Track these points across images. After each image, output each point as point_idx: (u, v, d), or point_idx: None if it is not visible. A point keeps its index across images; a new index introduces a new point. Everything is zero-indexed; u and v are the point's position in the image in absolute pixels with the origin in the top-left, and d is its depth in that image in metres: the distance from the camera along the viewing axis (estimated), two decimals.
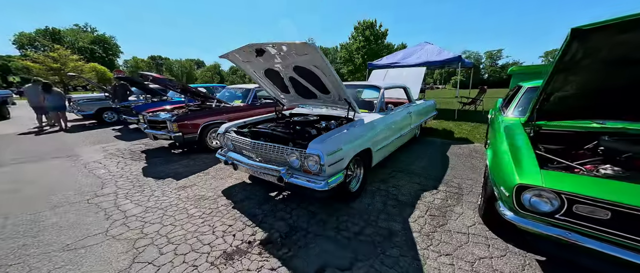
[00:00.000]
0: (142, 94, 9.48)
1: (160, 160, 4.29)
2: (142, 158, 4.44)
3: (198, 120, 4.51)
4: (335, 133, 2.41)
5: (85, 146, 5.37)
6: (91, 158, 4.46)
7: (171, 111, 5.21)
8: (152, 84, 4.90)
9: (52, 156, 4.59)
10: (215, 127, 4.79)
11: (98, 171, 3.79)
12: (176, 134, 4.25)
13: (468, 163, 3.71)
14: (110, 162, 4.21)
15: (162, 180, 3.42)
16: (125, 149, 5.04)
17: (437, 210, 2.44)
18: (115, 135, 6.47)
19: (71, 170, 3.85)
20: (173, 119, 4.24)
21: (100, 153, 4.74)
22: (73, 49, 37.20)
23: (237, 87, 6.16)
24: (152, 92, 7.96)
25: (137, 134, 6.52)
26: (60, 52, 27.78)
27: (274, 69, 2.91)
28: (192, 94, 5.43)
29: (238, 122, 3.31)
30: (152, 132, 4.52)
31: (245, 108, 5.38)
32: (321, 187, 2.09)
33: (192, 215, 2.47)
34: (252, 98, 5.62)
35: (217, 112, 4.85)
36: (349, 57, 25.37)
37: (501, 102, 3.78)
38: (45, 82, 8.05)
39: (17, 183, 3.32)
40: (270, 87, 3.44)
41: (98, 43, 52.00)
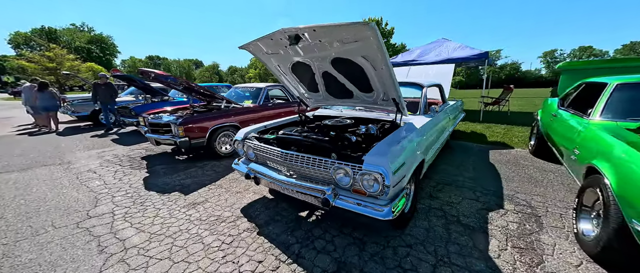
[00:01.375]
0: (141, 94, 8.94)
1: (163, 169, 3.77)
2: (142, 166, 3.91)
3: (206, 123, 3.99)
4: (392, 143, 1.90)
5: (79, 151, 4.83)
6: (85, 166, 3.93)
7: (174, 113, 4.69)
8: (154, 82, 4.38)
9: (42, 163, 4.05)
10: (225, 130, 4.27)
11: (92, 183, 3.26)
12: (182, 138, 3.73)
13: (522, 174, 3.21)
14: (107, 171, 3.68)
15: (167, 194, 2.90)
16: (124, 155, 4.51)
17: (520, 239, 1.94)
18: (113, 139, 5.93)
19: (61, 181, 3.32)
20: (178, 122, 3.72)
21: (95, 160, 4.21)
22: (69, 49, 36.48)
23: (246, 86, 5.64)
24: (152, 92, 7.42)
25: (137, 138, 5.98)
26: (56, 51, 27.13)
27: (305, 62, 2.40)
28: (197, 93, 4.91)
29: (258, 126, 2.80)
30: (155, 137, 3.99)
31: (256, 109, 4.86)
32: (384, 215, 1.59)
33: (209, 246, 1.95)
34: (263, 98, 5.10)
35: (226, 113, 4.33)
36: None
37: (557, 102, 3.29)
38: (41, 81, 7.53)
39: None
40: (295, 85, 2.93)
41: (95, 43, 51.20)
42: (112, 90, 6.76)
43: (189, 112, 4.77)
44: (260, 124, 2.91)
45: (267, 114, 5.07)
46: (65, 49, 29.67)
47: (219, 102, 5.01)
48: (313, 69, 2.47)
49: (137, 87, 7.55)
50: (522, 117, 7.74)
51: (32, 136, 6.39)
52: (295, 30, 1.85)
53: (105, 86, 6.59)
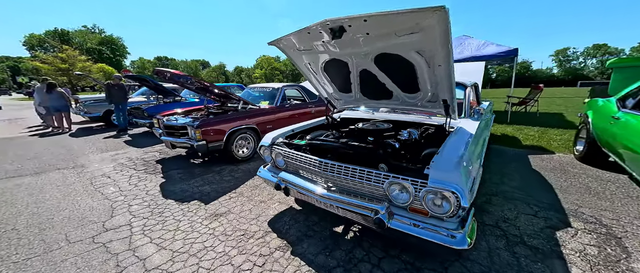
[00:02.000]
0: (153, 94, 8.85)
1: (179, 174, 3.57)
2: (157, 170, 3.73)
3: (223, 125, 3.78)
4: (454, 152, 1.62)
5: (92, 154, 4.70)
6: (99, 170, 3.77)
7: (188, 114, 4.50)
8: (169, 82, 4.20)
9: (55, 167, 3.91)
10: (242, 133, 4.05)
11: (107, 189, 3.08)
12: (199, 142, 3.52)
13: (577, 184, 2.87)
14: (121, 176, 3.51)
15: (186, 204, 2.68)
16: (138, 158, 4.35)
17: (607, 268, 1.63)
18: (126, 141, 5.80)
19: (75, 186, 3.15)
20: (195, 125, 3.51)
21: (109, 164, 4.05)
22: (81, 50, 37.21)
23: (261, 87, 5.41)
24: (164, 92, 7.29)
25: (150, 139, 5.84)
26: (68, 52, 27.64)
27: (342, 59, 2.14)
28: (213, 94, 4.71)
29: (285, 131, 2.56)
30: (170, 140, 3.80)
31: (274, 110, 4.63)
32: (458, 243, 1.31)
33: (240, 269, 1.72)
34: (280, 99, 4.87)
35: (243, 115, 4.11)
36: None
37: (616, 103, 2.94)
38: (50, 81, 7.50)
39: (7, 209, 2.63)
40: (323, 84, 2.67)
41: (106, 44, 52.19)
42: (125, 91, 6.65)
43: (204, 113, 4.58)
44: (287, 127, 2.67)
45: (285, 115, 4.84)
46: (77, 50, 30.23)
47: (235, 103, 4.81)
48: (350, 67, 2.21)
49: (149, 88, 7.44)
50: (553, 119, 7.30)
51: (44, 137, 6.34)
52: (340, 21, 1.58)
53: (118, 87, 6.47)
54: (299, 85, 5.49)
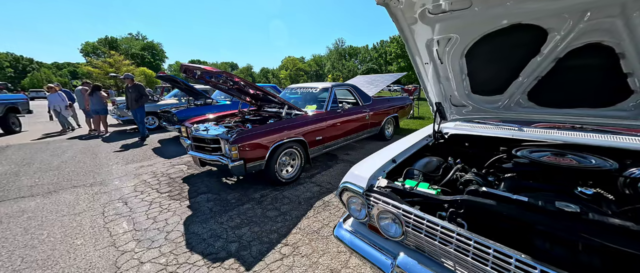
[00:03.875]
0: (185, 96, 8.45)
1: (209, 202, 2.72)
2: (183, 195, 2.93)
3: (266, 137, 2.85)
4: None
5: (116, 165, 4.12)
6: (117, 191, 3.08)
7: (220, 121, 3.68)
8: (199, 81, 3.42)
9: (72, 183, 3.33)
10: (288, 147, 3.10)
11: (119, 226, 2.31)
12: (235, 162, 2.63)
13: None
14: (140, 204, 2.75)
15: (218, 264, 1.76)
16: (163, 174, 3.63)
17: None
18: (154, 148, 5.25)
19: (82, 219, 2.44)
20: (231, 138, 2.62)
21: (130, 181, 3.37)
22: (127, 55, 40.49)
23: (304, 87, 4.45)
24: (194, 94, 6.74)
25: (180, 147, 5.22)
26: (115, 57, 30.05)
27: (539, 25, 1.02)
28: (250, 95, 3.86)
29: (382, 161, 1.49)
30: (199, 157, 2.97)
31: (324, 117, 3.63)
32: None
33: None
34: (331, 102, 3.85)
35: (289, 124, 3.15)
36: (401, 52, 22.29)
37: None
38: (94, 84, 7.42)
39: None
40: (450, 79, 1.57)
41: (147, 49, 56.47)
42: (140, 93, 5.74)
43: (238, 121, 3.74)
44: (380, 155, 1.60)
45: (338, 123, 3.81)
46: (122, 56, 32.74)
47: (278, 106, 3.90)
48: (545, 46, 1.08)
49: (180, 89, 6.95)
50: None
51: (81, 140, 6.09)
52: None
53: (132, 88, 5.67)
54: (350, 85, 4.44)
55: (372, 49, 59.95)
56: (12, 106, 7.28)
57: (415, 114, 8.38)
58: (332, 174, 3.48)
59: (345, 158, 4.15)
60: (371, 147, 4.83)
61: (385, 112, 5.02)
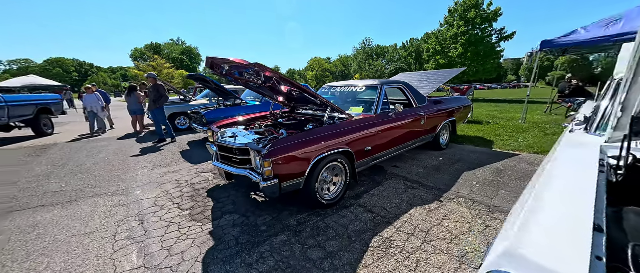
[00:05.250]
0: (214, 97, 8.32)
1: (236, 228, 2.18)
2: (206, 215, 2.43)
3: (306, 149, 2.22)
4: None
5: (143, 169, 3.87)
6: (137, 204, 2.71)
7: (249, 125, 3.16)
8: (228, 78, 2.90)
9: (95, 190, 3.07)
10: (332, 160, 2.44)
11: (127, 257, 1.86)
12: (268, 181, 2.03)
13: None
14: (158, 223, 2.31)
15: None
16: (187, 184, 3.23)
17: None
18: (183, 151, 5.00)
19: (91, 243, 2.06)
20: (265, 151, 2.03)
21: (152, 192, 3.01)
22: (168, 59, 43.86)
23: (345, 86, 3.75)
24: (223, 94, 6.46)
25: (207, 151, 4.90)
26: (158, 61, 32.54)
27: None
28: (283, 94, 3.29)
29: (567, 221, 0.72)
30: (225, 169, 2.45)
31: (375, 122, 2.90)
32: None
33: None
34: (381, 103, 3.11)
35: (334, 131, 2.49)
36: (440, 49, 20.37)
37: None
38: (131, 85, 7.61)
39: None
40: None
41: (186, 53, 60.80)
42: (159, 94, 5.52)
43: (269, 123, 3.19)
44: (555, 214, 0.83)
45: (391, 129, 3.07)
46: (164, 60, 35.40)
47: (316, 108, 3.27)
48: None
49: (210, 89, 6.75)
50: None
51: (118, 140, 6.16)
52: None
53: (153, 88, 5.50)
54: (402, 83, 3.64)
55: (401, 48, 57.25)
56: (44, 107, 6.90)
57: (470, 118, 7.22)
58: (383, 195, 2.74)
59: (395, 173, 3.38)
60: (424, 157, 3.97)
61: (442, 116, 4.12)
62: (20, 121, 6.46)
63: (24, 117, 6.41)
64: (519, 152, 4.09)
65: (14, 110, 6.07)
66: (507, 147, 4.37)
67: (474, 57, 17.45)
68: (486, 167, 3.45)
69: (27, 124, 6.71)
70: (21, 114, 6.32)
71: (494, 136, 5.18)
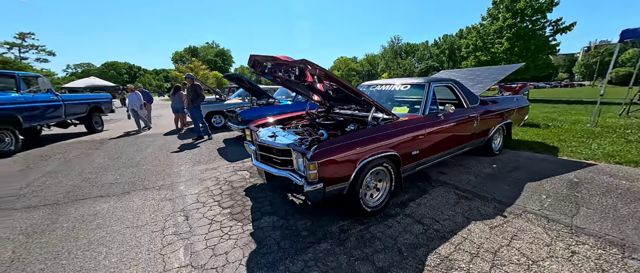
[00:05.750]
0: (248, 96, 8.57)
1: (277, 231, 2.10)
2: (245, 215, 2.41)
3: (352, 151, 2.06)
4: None
5: (185, 164, 4.05)
6: (182, 199, 2.80)
7: (286, 125, 3.09)
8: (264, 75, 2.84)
9: (144, 184, 3.27)
10: (377, 165, 2.24)
11: (175, 253, 1.88)
12: (313, 184, 1.91)
13: None
14: (201, 220, 2.35)
15: None
16: (225, 181, 3.28)
17: None
18: (219, 148, 5.18)
19: (142, 236, 2.14)
20: (310, 153, 1.91)
21: (194, 188, 3.10)
22: (204, 61, 46.99)
23: (386, 84, 3.51)
24: (257, 93, 6.59)
25: (241, 149, 5.01)
26: (194, 63, 35.02)
27: None
28: (323, 95, 3.16)
29: None
30: (266, 169, 2.40)
31: (423, 123, 2.64)
32: None
33: None
34: (430, 102, 2.83)
35: (380, 133, 2.29)
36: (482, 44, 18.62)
37: None
38: (176, 85, 8.20)
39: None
40: None
41: (220, 55, 64.55)
42: (196, 93, 5.80)
43: (305, 122, 3.10)
44: None
45: (441, 131, 2.78)
46: (200, 61, 37.99)
47: (357, 108, 3.10)
48: None
49: (244, 88, 6.93)
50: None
51: (164, 136, 6.63)
52: None
53: (190, 87, 5.81)
54: (451, 81, 3.29)
55: (432, 45, 54.14)
56: (95, 105, 7.54)
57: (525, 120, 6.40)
58: (432, 205, 2.47)
59: (441, 180, 3.06)
60: (473, 164, 3.57)
61: (496, 118, 3.66)
62: (75, 118, 7.08)
63: (78, 115, 7.04)
64: (594, 162, 3.46)
65: (69, 108, 6.63)
66: (577, 155, 3.73)
67: (522, 53, 15.52)
68: (555, 178, 2.95)
69: (81, 120, 7.37)
70: (76, 111, 6.93)
71: (558, 141, 4.49)
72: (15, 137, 5.01)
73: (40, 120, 5.86)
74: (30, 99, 5.45)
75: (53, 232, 2.18)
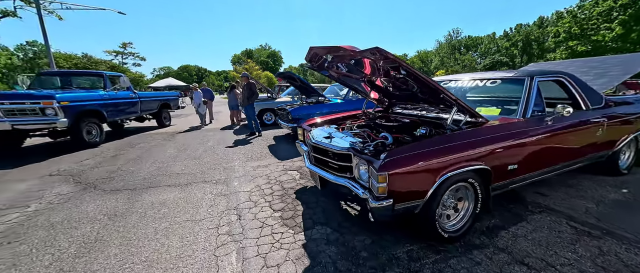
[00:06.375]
0: (297, 94, 8.64)
1: (331, 247, 1.85)
2: (297, 221, 2.23)
3: (432, 162, 1.63)
4: None
5: (239, 160, 4.19)
6: (235, 196, 2.81)
7: (340, 125, 2.80)
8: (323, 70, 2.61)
9: (204, 177, 3.43)
10: (459, 180, 1.76)
11: (228, 257, 1.80)
12: (381, 201, 1.57)
13: None
14: (253, 221, 2.26)
15: None
16: (276, 181, 3.20)
17: None
18: (270, 145, 5.26)
19: (200, 232, 2.16)
20: (379, 161, 1.57)
21: (247, 185, 3.11)
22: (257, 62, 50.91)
23: (466, 79, 2.88)
24: (307, 92, 6.52)
25: (290, 146, 4.97)
26: (250, 64, 38.14)
27: None
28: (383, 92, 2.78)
29: None
30: (321, 174, 2.16)
31: (526, 129, 2.01)
32: None
33: None
34: (533, 102, 2.15)
35: (467, 141, 1.79)
36: (579, 31, 15.00)
37: None
38: (232, 84, 8.89)
39: None
40: None
41: (271, 57, 68.95)
42: (251, 91, 6.05)
43: (362, 122, 2.75)
44: None
45: (552, 141, 2.10)
46: (254, 63, 41.19)
47: (426, 108, 2.62)
48: None
49: (295, 86, 6.96)
50: None
51: (221, 131, 7.20)
52: None
53: (246, 86, 6.04)
54: (565, 75, 2.47)
55: (500, 37, 46.52)
56: (165, 102, 8.31)
57: None
58: (536, 238, 1.85)
59: (543, 204, 2.33)
60: (587, 184, 2.67)
61: (628, 124, 2.65)
62: (148, 113, 7.88)
63: (150, 110, 7.82)
64: None
65: (144, 105, 7.47)
66: None
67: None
68: None
69: (153, 116, 8.20)
70: (149, 107, 7.69)
71: None
72: (100, 130, 5.67)
73: (121, 115, 6.59)
74: (113, 95, 6.15)
75: (129, 216, 2.39)
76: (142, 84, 33.70)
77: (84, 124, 5.25)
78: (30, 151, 5.25)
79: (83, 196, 2.87)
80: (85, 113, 5.27)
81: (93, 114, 5.54)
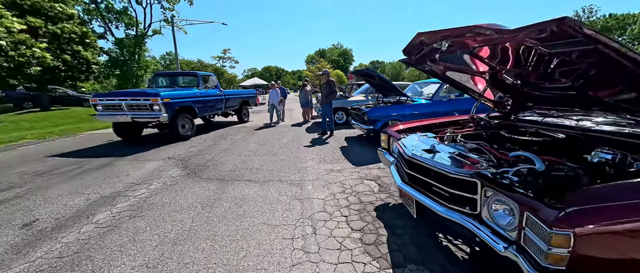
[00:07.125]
0: (371, 93, 8.09)
1: None
2: (381, 250, 1.82)
3: None
4: None
5: (312, 160, 4.09)
6: (309, 203, 2.63)
7: (438, 132, 2.17)
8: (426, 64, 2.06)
9: (279, 175, 3.46)
10: None
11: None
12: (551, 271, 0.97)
13: None
14: (329, 240, 1.99)
15: None
16: (352, 191, 2.86)
17: None
18: (342, 146, 4.99)
19: (274, 240, 2.03)
20: (554, 212, 0.95)
21: (321, 191, 2.89)
22: (329, 61, 52.38)
23: None
24: (383, 90, 5.89)
25: (367, 150, 4.54)
26: (322, 63, 39.59)
27: None
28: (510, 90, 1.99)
29: None
30: (418, 200, 1.66)
31: None
32: None
33: None
34: None
35: None
36: None
37: None
38: (303, 82, 9.22)
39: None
40: None
41: (342, 55, 69.70)
42: (330, 89, 5.84)
43: (470, 131, 2.04)
44: None
45: None
46: (326, 61, 42.51)
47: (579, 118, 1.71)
48: None
49: (372, 85, 6.44)
50: None
51: (293, 127, 7.49)
52: None
53: (326, 84, 5.87)
54: None
55: None
56: (245, 100, 8.95)
57: None
58: None
59: None
60: None
61: None
62: (231, 110, 8.48)
63: (233, 107, 8.42)
64: None
65: (228, 102, 7.97)
66: None
67: None
68: None
69: (234, 112, 8.84)
70: (232, 104, 8.27)
71: None
72: (192, 124, 6.24)
73: (209, 111, 7.12)
74: (204, 93, 6.71)
75: (217, 208, 2.55)
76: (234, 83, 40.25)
77: (179, 119, 5.82)
78: (149, 139, 6.54)
79: (186, 181, 3.33)
80: (181, 109, 5.83)
81: (187, 110, 6.10)
